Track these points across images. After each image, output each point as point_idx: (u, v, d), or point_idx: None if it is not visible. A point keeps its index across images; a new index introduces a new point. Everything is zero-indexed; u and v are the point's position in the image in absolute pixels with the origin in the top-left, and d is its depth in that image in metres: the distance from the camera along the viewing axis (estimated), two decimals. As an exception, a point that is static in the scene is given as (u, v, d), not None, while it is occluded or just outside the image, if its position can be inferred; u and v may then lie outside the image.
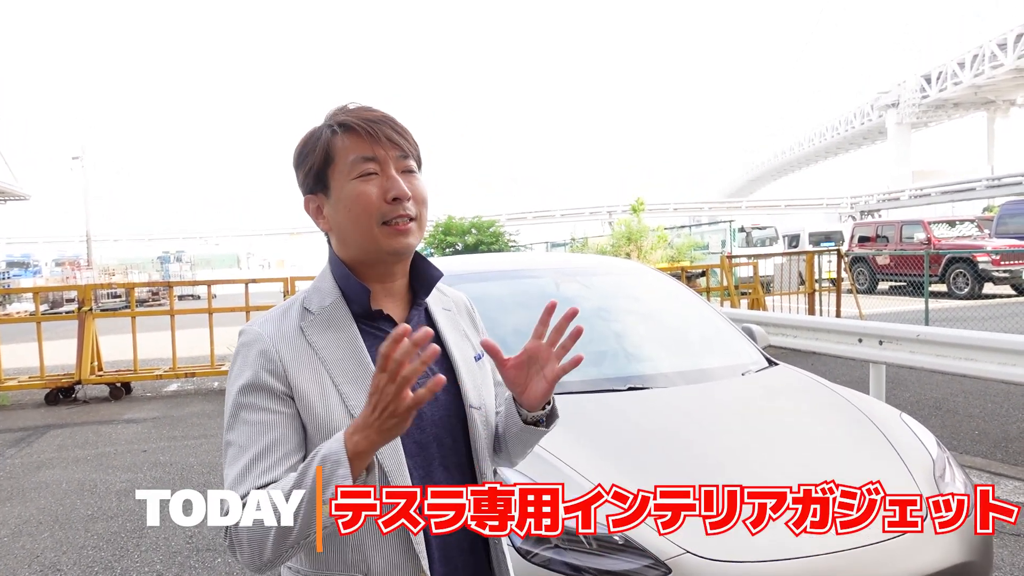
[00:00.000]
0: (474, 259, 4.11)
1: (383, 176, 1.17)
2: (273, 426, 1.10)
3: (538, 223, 61.10)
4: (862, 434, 2.68)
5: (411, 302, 1.28)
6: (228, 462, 1.10)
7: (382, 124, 1.18)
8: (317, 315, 1.19)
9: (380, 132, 1.17)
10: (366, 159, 1.17)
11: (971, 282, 15.97)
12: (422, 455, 1.18)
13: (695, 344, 3.62)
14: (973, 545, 2.21)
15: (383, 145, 1.17)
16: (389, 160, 1.18)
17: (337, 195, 1.18)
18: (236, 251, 77.83)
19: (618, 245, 18.59)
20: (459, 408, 1.24)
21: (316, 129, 1.22)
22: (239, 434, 1.11)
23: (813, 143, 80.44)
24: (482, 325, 1.42)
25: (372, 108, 1.22)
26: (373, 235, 1.17)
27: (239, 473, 1.07)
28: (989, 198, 41.71)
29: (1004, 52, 47.65)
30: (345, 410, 1.12)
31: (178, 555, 3.93)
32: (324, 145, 1.19)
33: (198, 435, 6.61)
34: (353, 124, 1.18)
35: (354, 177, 1.17)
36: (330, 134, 1.19)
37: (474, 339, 1.35)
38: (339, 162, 1.18)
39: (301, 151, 1.22)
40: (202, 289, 13.00)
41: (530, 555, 2.03)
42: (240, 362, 1.16)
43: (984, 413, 6.28)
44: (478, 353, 1.33)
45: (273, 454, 1.08)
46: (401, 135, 1.20)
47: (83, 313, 8.84)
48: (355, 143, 1.17)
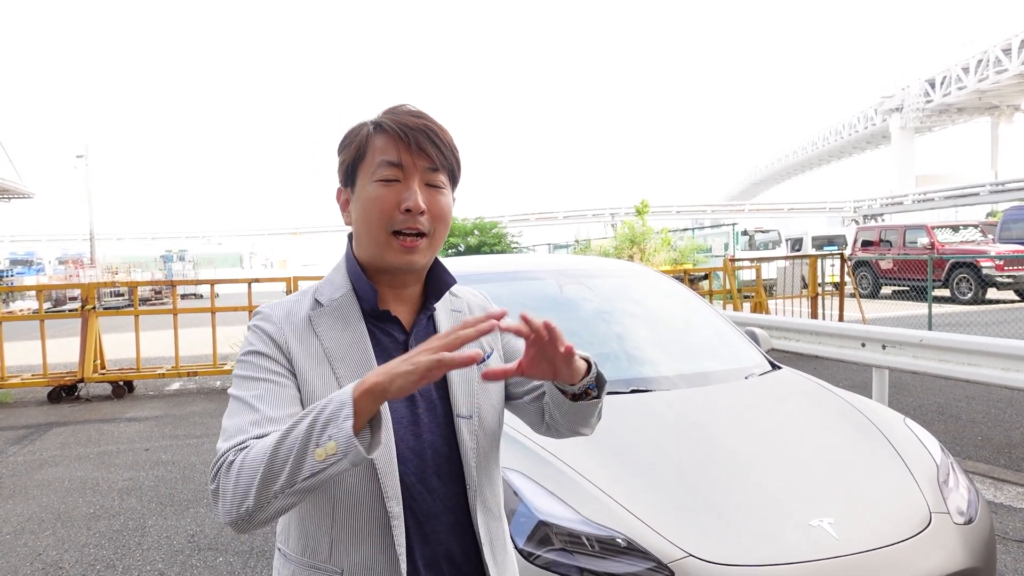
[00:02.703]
0: (476, 260, 4.10)
1: (404, 185, 1.16)
2: (278, 388, 1.11)
3: (541, 225, 61.15)
4: (865, 439, 2.67)
5: (422, 305, 1.27)
6: (228, 415, 1.10)
7: (419, 132, 1.16)
8: (327, 307, 1.19)
9: (413, 139, 1.15)
10: (391, 164, 1.15)
11: (974, 287, 15.94)
12: (417, 461, 1.17)
13: (698, 347, 3.62)
14: (977, 551, 2.21)
15: (412, 153, 1.15)
16: (415, 170, 1.16)
17: (359, 193, 1.19)
18: (239, 250, 77.94)
19: (621, 247, 18.59)
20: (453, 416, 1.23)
21: (360, 124, 1.21)
22: (243, 391, 1.11)
23: (816, 147, 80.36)
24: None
25: (421, 114, 1.19)
26: (381, 242, 1.17)
27: (238, 423, 1.06)
28: (993, 203, 41.68)
29: (1009, 57, 47.60)
30: None
31: (180, 553, 3.93)
32: (360, 141, 1.19)
33: (200, 434, 6.62)
34: (390, 126, 1.16)
35: (376, 179, 1.16)
36: (368, 132, 1.19)
37: (484, 342, 1.31)
38: (368, 161, 1.17)
39: (342, 142, 1.22)
40: (205, 288, 12.99)
41: (533, 557, 2.03)
42: (250, 336, 1.18)
43: (987, 419, 6.26)
44: (486, 354, 1.30)
45: (275, 410, 1.08)
46: (437, 147, 1.17)
47: (86, 311, 8.85)
48: (386, 145, 1.16)
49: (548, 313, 3.52)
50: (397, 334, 1.22)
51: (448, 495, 1.19)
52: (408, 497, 1.15)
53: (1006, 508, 4.22)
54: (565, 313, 3.55)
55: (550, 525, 2.08)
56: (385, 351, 1.19)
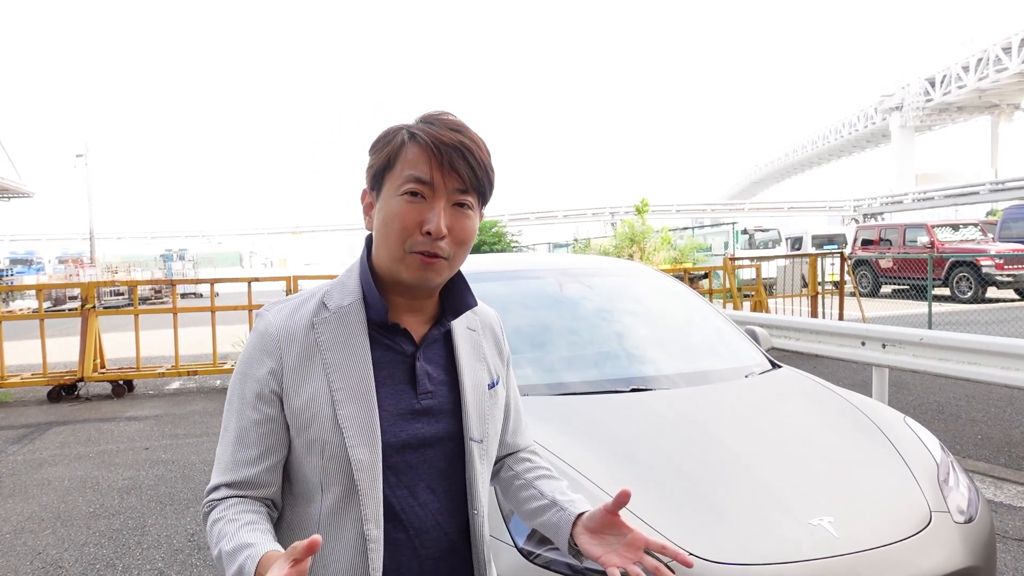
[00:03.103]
0: (476, 259, 4.10)
1: (429, 204, 1.11)
2: (257, 425, 1.14)
3: (541, 224, 61.12)
4: (865, 437, 2.67)
5: (436, 318, 1.24)
6: (220, 441, 1.19)
7: (453, 149, 1.10)
8: (333, 313, 1.16)
9: (446, 157, 1.10)
10: (419, 180, 1.10)
11: (974, 286, 15.95)
12: (409, 472, 1.16)
13: (698, 346, 3.62)
14: (976, 550, 2.21)
15: (443, 171, 1.10)
16: (444, 190, 1.11)
17: (383, 203, 1.14)
18: (239, 249, 78.01)
19: (621, 246, 18.59)
20: (459, 435, 1.21)
21: (396, 128, 1.16)
22: (230, 419, 1.17)
23: (816, 145, 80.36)
24: (508, 349, 1.38)
25: (459, 128, 1.14)
26: (399, 258, 1.13)
27: (221, 461, 1.15)
28: (993, 202, 41.67)
29: (1009, 56, 47.58)
30: (332, 417, 1.11)
31: (180, 553, 3.93)
32: (392, 149, 1.13)
33: (200, 433, 6.62)
34: (423, 140, 1.11)
35: (401, 193, 1.11)
36: (401, 140, 1.13)
37: (493, 363, 1.31)
38: (396, 171, 1.12)
39: (375, 143, 1.18)
40: (205, 287, 12.99)
41: (532, 556, 2.03)
42: (247, 349, 1.18)
43: (987, 418, 6.26)
44: (493, 380, 1.29)
45: (252, 451, 1.14)
46: (470, 167, 1.12)
47: (86, 310, 8.86)
48: (417, 159, 1.11)
49: (548, 312, 3.52)
50: (405, 347, 1.19)
51: (440, 510, 1.19)
52: (398, 511, 1.15)
53: (1006, 507, 4.22)
54: (565, 312, 3.55)
55: (550, 524, 2.07)
56: (387, 366, 1.17)
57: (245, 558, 1.00)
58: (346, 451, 1.10)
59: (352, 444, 1.10)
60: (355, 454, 1.10)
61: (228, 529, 1.07)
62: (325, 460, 1.11)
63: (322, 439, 1.11)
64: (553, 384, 2.99)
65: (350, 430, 1.11)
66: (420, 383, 1.18)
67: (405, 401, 1.17)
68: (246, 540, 1.03)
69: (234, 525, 1.07)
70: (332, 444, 1.11)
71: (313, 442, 1.12)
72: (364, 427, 1.11)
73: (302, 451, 1.13)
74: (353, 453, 1.10)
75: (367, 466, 1.11)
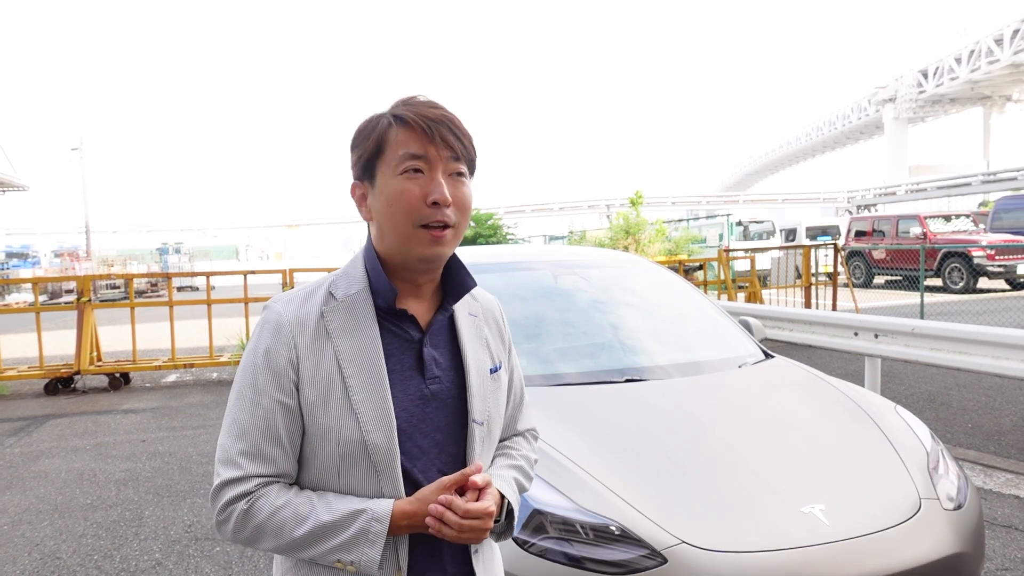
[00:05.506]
0: (472, 251, 4.12)
1: (428, 177, 1.15)
2: (275, 414, 1.13)
3: (536, 216, 61.14)
4: (857, 426, 2.71)
5: (438, 304, 1.27)
6: (227, 433, 1.16)
7: (440, 124, 1.16)
8: (341, 302, 1.18)
9: (436, 131, 1.15)
10: (415, 156, 1.14)
11: (966, 276, 16.02)
12: (423, 459, 1.19)
13: (692, 337, 3.65)
14: (966, 536, 2.24)
15: (436, 145, 1.15)
16: (439, 161, 1.16)
17: (381, 188, 1.17)
18: (235, 243, 77.76)
19: (616, 238, 18.59)
20: (465, 419, 1.24)
21: (375, 116, 1.20)
22: (242, 410, 1.15)
23: (810, 137, 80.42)
24: (509, 335, 1.41)
25: (437, 105, 1.19)
26: (408, 236, 1.16)
27: (233, 452, 1.13)
28: (984, 193, 41.76)
29: (1000, 48, 47.67)
30: (347, 403, 1.13)
31: (177, 543, 3.95)
32: (378, 135, 1.17)
33: (196, 425, 6.64)
34: (410, 119, 1.15)
35: (400, 173, 1.15)
36: (386, 125, 1.17)
37: (495, 348, 1.33)
38: (389, 155, 1.16)
39: (357, 136, 1.20)
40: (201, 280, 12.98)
41: (527, 545, 2.05)
42: (257, 338, 1.18)
43: (978, 406, 6.32)
44: (495, 365, 1.31)
45: (269, 442, 1.13)
46: (458, 138, 1.17)
47: (82, 304, 8.84)
48: (408, 138, 1.15)
49: (544, 303, 3.55)
50: (412, 332, 1.21)
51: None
52: (412, 492, 1.16)
53: (995, 494, 4.27)
54: (560, 303, 3.57)
55: (544, 513, 2.10)
56: (397, 352, 1.19)
57: (368, 519, 1.09)
58: (362, 435, 1.12)
59: (368, 429, 1.12)
60: (371, 438, 1.12)
61: (302, 509, 1.11)
62: (341, 446, 1.13)
63: (338, 425, 1.13)
64: (548, 375, 3.01)
65: (365, 415, 1.13)
66: (428, 368, 1.21)
67: (414, 386, 1.19)
68: (348, 507, 1.11)
69: (305, 503, 1.12)
70: (347, 429, 1.13)
71: (329, 428, 1.13)
72: (378, 412, 1.14)
73: (317, 438, 1.15)
74: (369, 438, 1.12)
75: (383, 450, 1.13)
